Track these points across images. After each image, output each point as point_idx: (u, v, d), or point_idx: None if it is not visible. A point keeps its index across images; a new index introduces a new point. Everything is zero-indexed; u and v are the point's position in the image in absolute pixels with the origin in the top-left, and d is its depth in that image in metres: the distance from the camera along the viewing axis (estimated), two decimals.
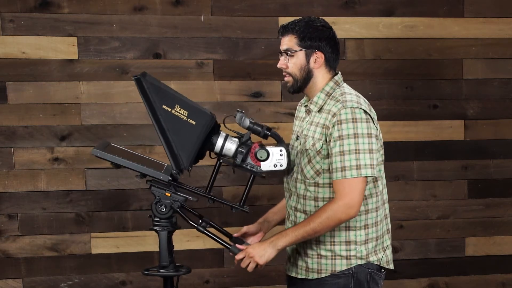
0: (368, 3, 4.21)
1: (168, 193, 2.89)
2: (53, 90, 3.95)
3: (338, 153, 2.89)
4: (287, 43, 2.99)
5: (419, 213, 4.37)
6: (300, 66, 2.99)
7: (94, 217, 4.05)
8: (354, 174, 2.88)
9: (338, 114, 2.90)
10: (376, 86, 4.28)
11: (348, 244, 2.99)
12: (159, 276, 2.96)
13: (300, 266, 3.07)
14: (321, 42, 2.98)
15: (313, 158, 2.98)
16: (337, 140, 2.89)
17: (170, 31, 4.04)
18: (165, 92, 2.83)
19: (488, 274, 4.46)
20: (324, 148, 2.95)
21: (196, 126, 2.83)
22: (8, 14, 3.87)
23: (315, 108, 3.03)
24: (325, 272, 3.00)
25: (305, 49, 2.97)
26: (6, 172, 3.95)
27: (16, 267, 4.00)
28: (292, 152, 3.10)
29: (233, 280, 4.20)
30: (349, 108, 2.91)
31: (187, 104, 2.84)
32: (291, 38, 2.98)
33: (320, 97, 3.02)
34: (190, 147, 2.83)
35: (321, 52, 2.99)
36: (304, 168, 3.01)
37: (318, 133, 2.97)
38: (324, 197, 2.98)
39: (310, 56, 2.99)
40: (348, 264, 2.99)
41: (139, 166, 2.83)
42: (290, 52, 2.98)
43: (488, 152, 4.40)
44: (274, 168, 2.92)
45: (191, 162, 2.85)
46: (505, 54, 4.36)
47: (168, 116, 2.81)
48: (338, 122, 2.90)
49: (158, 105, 2.81)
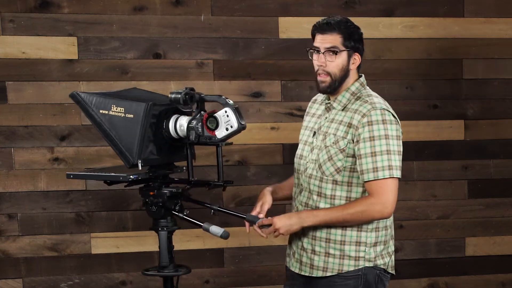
0: (368, 3, 4.20)
1: (152, 192, 2.91)
2: (53, 90, 3.95)
3: (370, 154, 2.90)
4: (332, 41, 2.96)
5: (419, 213, 4.37)
6: (342, 66, 2.98)
7: (94, 217, 4.05)
8: (386, 175, 2.90)
9: (368, 115, 2.91)
10: (376, 86, 4.26)
11: (358, 245, 3.00)
12: (159, 276, 2.96)
13: (305, 263, 3.06)
14: (360, 44, 3.01)
15: (334, 156, 2.97)
16: (368, 141, 2.90)
17: (170, 31, 4.04)
18: (99, 98, 2.89)
19: (488, 274, 4.46)
20: (349, 146, 2.95)
21: (134, 118, 2.84)
22: (8, 14, 3.87)
23: (339, 106, 3.02)
24: (331, 271, 3.00)
25: (349, 50, 2.97)
26: (6, 172, 3.95)
27: (16, 267, 4.00)
28: (306, 148, 3.09)
29: (233, 280, 4.20)
30: (379, 110, 2.92)
31: (121, 101, 2.87)
32: (336, 37, 2.96)
33: (345, 96, 3.02)
34: (134, 140, 2.84)
35: (359, 54, 3.01)
36: (323, 165, 2.99)
37: (342, 131, 2.96)
38: (341, 196, 2.99)
39: (351, 57, 3.00)
40: (356, 265, 3.00)
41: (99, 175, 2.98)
42: (336, 51, 2.95)
43: (488, 152, 4.40)
44: (227, 131, 2.84)
45: (138, 155, 2.84)
46: (505, 54, 4.36)
47: (107, 118, 2.87)
48: (368, 123, 2.90)
49: (96, 111, 2.88)
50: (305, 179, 3.06)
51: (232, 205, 4.14)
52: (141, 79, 4.01)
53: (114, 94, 2.95)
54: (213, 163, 3.95)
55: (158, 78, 4.03)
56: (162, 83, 3.99)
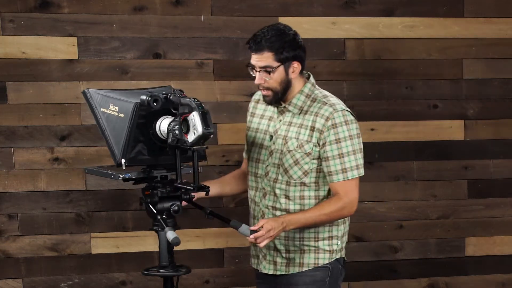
0: (368, 3, 4.20)
1: (147, 191, 2.91)
2: (53, 90, 3.95)
3: (337, 156, 3.00)
4: (265, 60, 2.97)
5: (419, 213, 4.37)
6: (280, 80, 3.01)
7: (94, 217, 4.04)
8: (355, 174, 3.03)
9: (331, 118, 2.99)
10: (376, 86, 4.27)
11: (331, 239, 3.12)
12: (159, 276, 2.96)
13: (280, 263, 3.14)
14: (296, 52, 3.01)
15: (301, 160, 3.03)
16: (334, 143, 2.99)
17: (170, 31, 4.03)
18: (103, 96, 2.90)
19: (488, 274, 4.46)
20: (315, 150, 3.01)
21: (123, 118, 2.84)
22: (8, 14, 3.87)
23: (295, 109, 3.06)
24: (308, 265, 3.13)
25: (284, 63, 2.98)
26: (6, 172, 3.95)
27: (16, 267, 4.00)
28: (263, 152, 3.13)
29: (233, 280, 4.20)
30: (340, 111, 3.01)
31: (117, 99, 2.87)
32: (268, 55, 2.97)
33: (300, 99, 3.06)
34: (121, 140, 2.84)
35: (297, 62, 3.02)
36: (289, 169, 3.06)
37: (305, 135, 3.02)
38: (310, 196, 3.07)
39: (288, 67, 3.01)
40: (330, 257, 3.13)
41: (99, 171, 3.06)
42: (270, 70, 2.97)
43: (488, 152, 4.39)
44: (194, 135, 2.77)
45: (122, 155, 2.84)
46: (505, 54, 4.36)
47: (105, 116, 2.89)
48: (333, 125, 2.98)
49: (98, 109, 2.91)
50: (267, 183, 3.12)
51: (232, 205, 4.14)
52: (141, 79, 4.01)
53: (118, 93, 2.94)
54: (213, 163, 3.96)
55: (158, 78, 4.03)
56: (162, 83, 3.98)
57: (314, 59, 4.16)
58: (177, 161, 2.86)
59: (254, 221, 3.20)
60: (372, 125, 4.26)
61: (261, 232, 2.92)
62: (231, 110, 4.06)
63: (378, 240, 4.33)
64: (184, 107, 2.78)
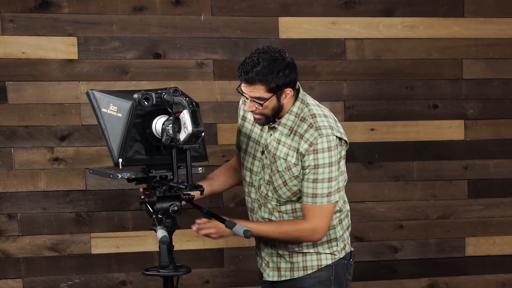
0: (368, 3, 4.20)
1: (147, 191, 2.91)
2: (53, 90, 3.95)
3: (312, 180, 2.97)
4: (257, 92, 2.92)
5: (419, 213, 4.37)
6: (272, 107, 2.97)
7: (94, 217, 4.05)
8: (324, 201, 2.99)
9: (315, 143, 2.95)
10: (376, 86, 4.27)
11: (330, 242, 3.12)
12: (159, 276, 2.95)
13: (284, 268, 3.14)
14: (287, 78, 2.93)
15: (289, 181, 3.03)
16: (312, 168, 2.96)
17: (170, 31, 4.04)
18: (105, 96, 2.90)
19: (488, 274, 4.46)
20: (302, 173, 3.01)
21: (121, 117, 2.84)
22: (8, 14, 3.87)
23: (284, 130, 3.02)
24: (311, 268, 3.12)
25: (276, 92, 2.93)
26: (6, 172, 3.95)
27: (16, 267, 4.00)
28: (256, 163, 3.13)
29: (233, 280, 4.20)
30: (325, 137, 2.95)
31: (116, 99, 2.87)
32: (259, 87, 2.91)
33: (289, 119, 3.02)
34: (119, 139, 2.84)
35: (290, 88, 2.96)
36: (279, 189, 3.06)
37: (293, 157, 3.00)
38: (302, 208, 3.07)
39: (280, 95, 2.96)
40: (333, 258, 3.14)
41: (101, 171, 3.04)
42: (262, 102, 2.93)
43: (488, 152, 4.39)
44: (185, 134, 2.74)
45: (119, 154, 2.83)
46: (505, 54, 4.36)
47: (105, 116, 2.90)
48: (314, 151, 2.95)
49: (100, 110, 2.92)
50: (260, 196, 3.13)
51: (232, 205, 4.14)
52: (141, 79, 4.01)
53: (119, 93, 2.94)
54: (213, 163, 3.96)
55: (158, 78, 4.03)
56: (162, 83, 3.99)
57: (314, 59, 4.16)
58: (173, 160, 2.86)
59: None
60: (372, 125, 4.26)
61: (204, 221, 2.96)
62: (231, 110, 4.06)
63: (378, 240, 4.33)
64: (178, 106, 2.77)
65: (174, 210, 2.90)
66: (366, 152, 4.28)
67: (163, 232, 2.79)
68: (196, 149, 2.88)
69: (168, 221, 2.91)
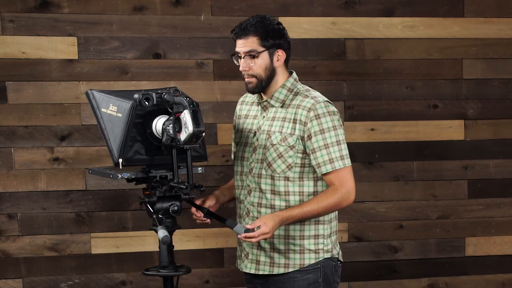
0: (368, 3, 4.20)
1: (147, 191, 2.91)
2: (53, 90, 3.95)
3: (323, 146, 2.99)
4: (249, 45, 3.02)
5: (419, 213, 4.37)
6: (265, 66, 3.04)
7: (94, 217, 4.05)
8: (341, 165, 3.01)
9: (314, 109, 3.00)
10: (376, 86, 4.27)
11: (317, 238, 3.09)
12: (159, 276, 2.96)
13: (263, 262, 3.12)
14: (281, 40, 3.04)
15: (285, 153, 3.04)
16: (319, 134, 2.99)
17: (170, 31, 4.04)
18: (105, 96, 2.91)
19: (488, 274, 4.46)
20: (299, 143, 3.01)
21: (121, 117, 2.85)
22: (8, 14, 3.87)
23: (277, 103, 3.08)
24: (293, 266, 3.09)
25: (269, 49, 3.01)
26: (6, 172, 3.95)
27: (16, 267, 4.00)
28: (247, 149, 3.14)
29: (233, 280, 4.20)
30: (322, 102, 3.02)
31: (116, 99, 2.88)
32: (253, 39, 3.01)
33: (281, 93, 3.08)
34: (119, 139, 2.85)
35: (282, 50, 3.05)
36: (273, 163, 3.05)
37: (289, 128, 3.03)
38: (295, 191, 3.06)
39: (273, 55, 3.04)
40: (316, 257, 3.09)
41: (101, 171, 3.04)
42: (255, 54, 3.01)
43: (488, 152, 4.39)
44: (186, 134, 2.76)
45: (119, 154, 2.84)
46: (505, 54, 4.36)
47: (105, 116, 2.91)
48: (316, 116, 2.99)
49: (99, 110, 2.93)
50: (252, 179, 3.11)
51: (232, 205, 4.13)
52: (141, 79, 4.01)
53: (118, 93, 2.94)
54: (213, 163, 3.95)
55: (158, 78, 4.03)
56: (162, 83, 3.99)
57: (314, 59, 4.16)
58: (173, 160, 2.85)
59: (240, 220, 3.19)
60: (372, 125, 4.26)
61: (253, 234, 2.90)
62: (231, 110, 4.04)
63: (378, 240, 4.33)
64: (178, 106, 2.78)
65: (174, 210, 2.90)
66: (366, 152, 4.27)
67: (164, 232, 2.79)
68: (196, 149, 2.89)
69: (168, 221, 2.91)
